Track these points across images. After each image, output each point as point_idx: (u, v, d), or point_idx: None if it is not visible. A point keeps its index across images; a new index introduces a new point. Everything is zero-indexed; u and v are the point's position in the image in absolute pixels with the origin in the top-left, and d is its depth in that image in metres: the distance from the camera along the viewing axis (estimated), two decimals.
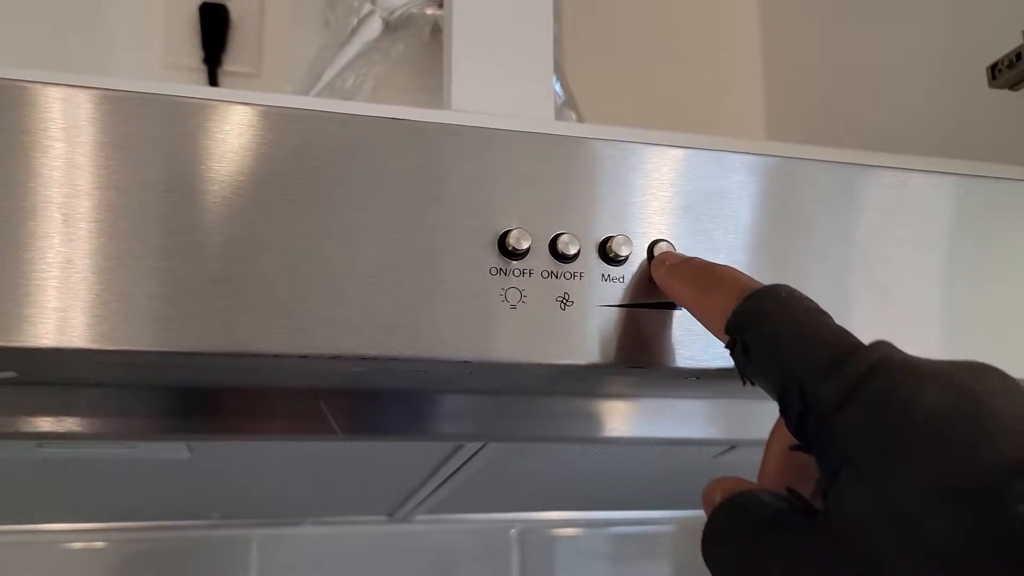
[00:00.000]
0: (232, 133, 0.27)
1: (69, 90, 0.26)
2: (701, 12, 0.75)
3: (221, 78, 0.72)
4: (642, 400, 0.41)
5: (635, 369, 0.29)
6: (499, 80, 0.42)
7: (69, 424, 0.36)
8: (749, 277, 0.28)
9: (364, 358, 0.27)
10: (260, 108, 0.27)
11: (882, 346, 0.23)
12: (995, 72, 0.51)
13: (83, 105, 0.26)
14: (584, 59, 0.69)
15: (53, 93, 0.26)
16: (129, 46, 0.71)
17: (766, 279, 0.31)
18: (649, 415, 0.42)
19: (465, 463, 0.47)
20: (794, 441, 0.25)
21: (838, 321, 0.25)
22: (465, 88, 0.42)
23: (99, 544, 0.68)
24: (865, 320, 0.31)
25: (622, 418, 0.41)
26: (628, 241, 0.29)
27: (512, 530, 0.76)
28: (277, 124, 0.27)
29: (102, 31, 0.71)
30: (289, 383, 0.36)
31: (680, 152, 0.31)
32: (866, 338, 0.24)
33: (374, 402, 0.37)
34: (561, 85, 0.55)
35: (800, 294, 0.26)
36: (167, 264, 0.26)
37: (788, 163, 0.32)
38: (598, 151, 0.30)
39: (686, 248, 0.30)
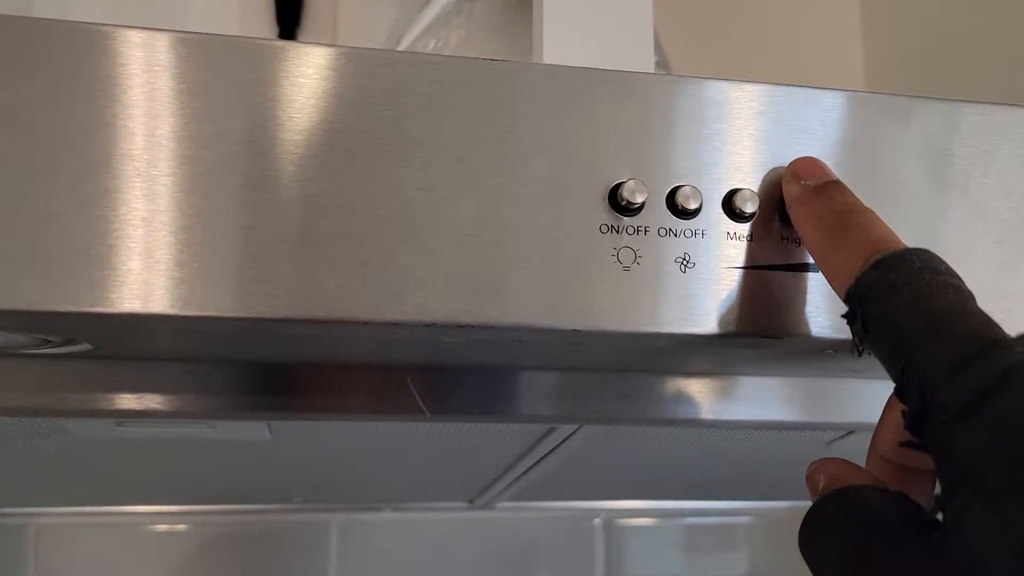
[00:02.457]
0: (315, 78, 0.24)
1: (148, 33, 0.24)
2: None
3: None
4: (751, 379, 0.38)
5: (766, 339, 0.26)
6: (593, 31, 0.39)
7: (147, 401, 0.34)
8: (886, 230, 0.24)
9: (461, 326, 0.24)
10: (345, 50, 0.25)
11: (1022, 345, 0.20)
12: None
13: (161, 50, 0.24)
14: (675, 15, 0.65)
15: (133, 38, 0.23)
16: (204, 23, 0.70)
17: (913, 236, 0.27)
18: (759, 396, 0.38)
19: (555, 448, 0.44)
20: (905, 433, 0.21)
21: (991, 299, 0.21)
22: (557, 41, 0.39)
23: (181, 527, 0.68)
24: None
25: (730, 399, 0.37)
26: (755, 195, 0.26)
27: (596, 519, 0.73)
28: (364, 68, 0.25)
29: (178, 8, 0.70)
30: (374, 358, 0.34)
31: (810, 93, 0.27)
32: None
33: (464, 380, 0.35)
34: (655, 46, 0.51)
35: (940, 264, 0.22)
36: (247, 222, 0.23)
37: (938, 106, 0.28)
38: (720, 93, 0.26)
39: None
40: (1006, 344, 0.20)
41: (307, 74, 0.24)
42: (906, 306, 0.21)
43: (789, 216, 0.25)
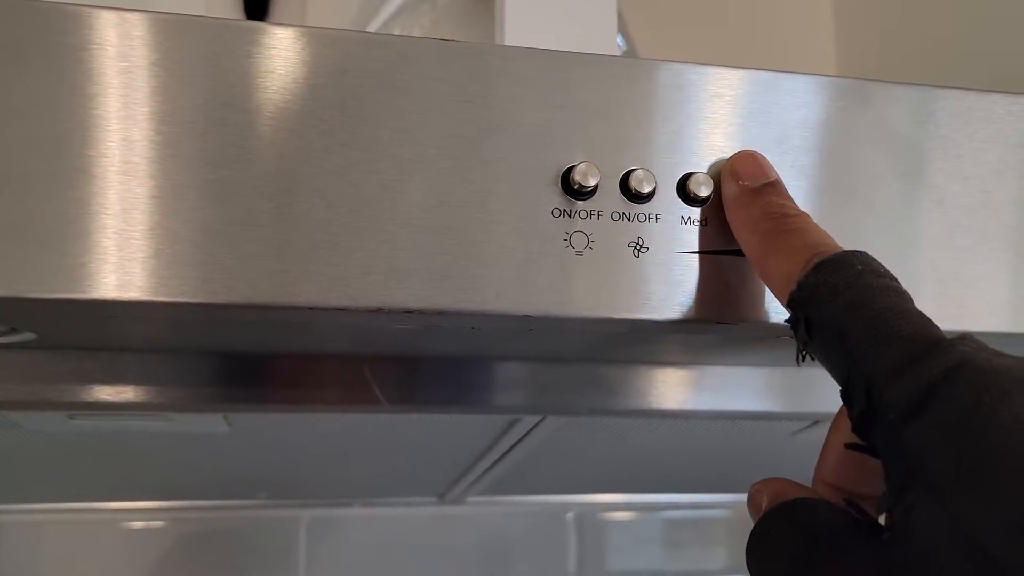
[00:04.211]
0: (261, 57, 0.24)
1: (122, 14, 0.23)
2: None
3: None
4: (716, 369, 0.37)
5: (721, 325, 0.25)
6: (556, 19, 0.39)
7: (98, 393, 0.33)
8: (821, 233, 0.24)
9: (410, 311, 0.23)
10: (292, 29, 0.24)
11: (966, 343, 0.20)
12: None
13: (136, 30, 0.23)
14: (645, 3, 0.64)
15: (106, 16, 0.23)
16: (171, 3, 0.69)
17: (867, 228, 0.27)
18: (723, 386, 0.38)
19: (520, 440, 0.44)
20: (853, 437, 0.21)
21: (949, 284, 0.21)
22: (518, 23, 0.38)
23: (149, 524, 0.67)
24: (988, 270, 0.27)
25: (693, 389, 0.37)
26: (709, 179, 0.25)
27: (569, 513, 0.73)
28: (312, 47, 0.24)
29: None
30: (331, 348, 0.33)
31: (769, 76, 0.27)
32: (994, 298, 0.20)
33: (423, 371, 0.34)
34: (622, 34, 0.51)
35: (878, 266, 0.22)
36: (189, 206, 0.23)
37: (896, 90, 0.27)
38: (676, 76, 0.26)
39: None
40: (948, 343, 0.20)
41: (252, 53, 0.24)
42: (849, 309, 0.21)
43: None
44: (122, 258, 0.22)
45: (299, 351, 0.33)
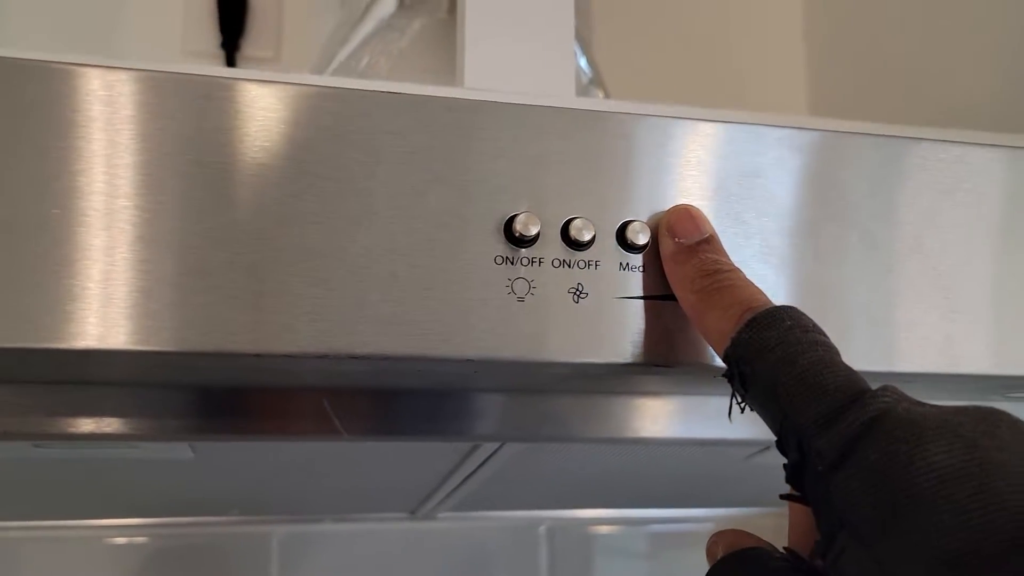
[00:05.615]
0: (210, 110, 0.24)
1: (107, 70, 0.24)
2: None
3: (240, 63, 0.70)
4: (669, 397, 0.38)
5: (659, 368, 0.26)
6: (515, 55, 0.40)
7: (63, 425, 0.34)
8: (754, 290, 0.25)
9: (355, 357, 0.24)
10: (233, 82, 0.25)
11: (886, 394, 0.21)
12: None
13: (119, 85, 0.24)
14: (615, 34, 0.66)
15: (92, 74, 0.24)
16: (148, 32, 0.70)
17: (805, 267, 0.28)
18: (677, 413, 0.39)
19: (483, 463, 0.45)
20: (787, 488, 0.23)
21: (882, 327, 0.22)
22: (479, 64, 0.39)
23: (122, 540, 0.67)
24: (919, 312, 0.28)
25: (649, 417, 0.38)
26: (647, 227, 0.26)
27: (541, 527, 0.74)
28: (260, 100, 0.25)
29: (121, 17, 0.69)
30: (290, 382, 0.34)
31: (709, 127, 0.28)
32: (924, 340, 0.21)
33: (381, 401, 0.35)
34: (587, 61, 0.52)
35: (807, 321, 0.24)
36: (144, 255, 0.24)
37: (830, 137, 0.28)
38: (616, 127, 0.27)
39: (720, 232, 0.27)
40: (871, 395, 0.21)
41: (201, 105, 0.24)
42: (780, 364, 0.23)
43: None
44: (73, 308, 0.23)
45: (261, 384, 0.34)
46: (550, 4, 0.39)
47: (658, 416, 0.38)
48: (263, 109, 0.25)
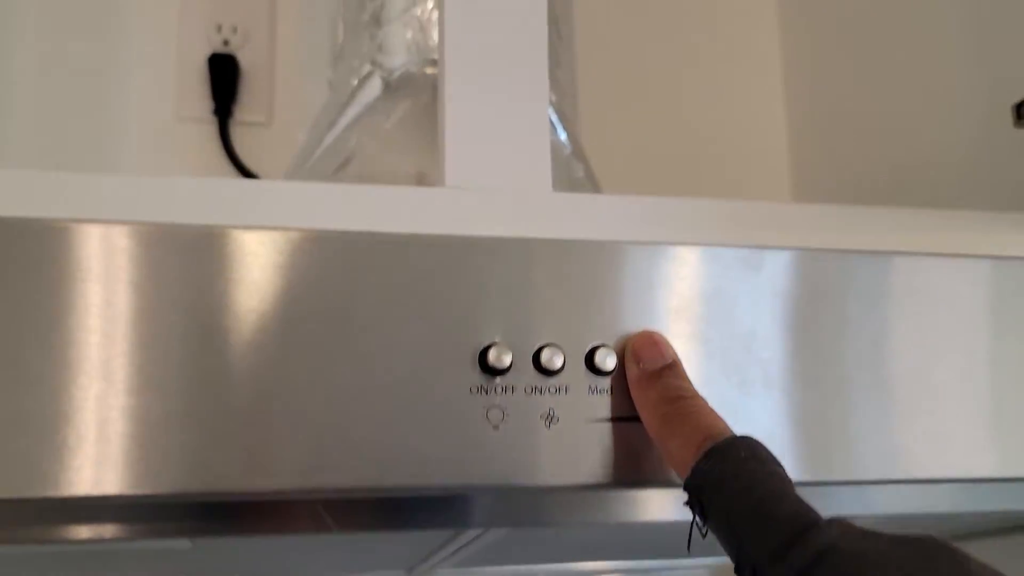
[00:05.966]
0: (199, 258, 0.26)
1: (105, 226, 0.25)
2: (723, 67, 0.73)
3: (232, 128, 0.72)
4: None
5: (627, 489, 0.27)
6: (494, 154, 0.41)
7: (61, 532, 0.35)
8: (714, 418, 0.26)
9: (340, 490, 0.26)
10: (222, 230, 0.26)
11: (832, 528, 0.23)
12: (1021, 112, 0.48)
13: (117, 240, 0.25)
14: (601, 111, 0.67)
15: (92, 230, 0.25)
16: (142, 100, 0.71)
17: (765, 384, 0.29)
18: (658, 497, 0.40)
19: (473, 540, 0.46)
20: None
21: (834, 439, 0.24)
22: (459, 163, 0.41)
23: None
24: (875, 422, 0.29)
25: (628, 503, 0.39)
26: (613, 352, 0.28)
27: None
28: (246, 245, 0.26)
29: (115, 86, 0.71)
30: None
31: (671, 250, 0.29)
32: (879, 447, 0.23)
33: (374, 502, 0.36)
34: (568, 136, 0.54)
35: (762, 452, 0.25)
36: (136, 402, 0.25)
37: (788, 255, 0.30)
38: (582, 254, 0.28)
39: (681, 353, 0.28)
40: (820, 528, 0.23)
41: (197, 256, 0.26)
42: (735, 496, 0.24)
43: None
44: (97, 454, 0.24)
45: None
46: (526, 102, 0.41)
47: (636, 500, 0.39)
48: (250, 255, 0.26)
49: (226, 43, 0.73)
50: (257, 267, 0.26)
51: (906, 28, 0.55)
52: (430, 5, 0.51)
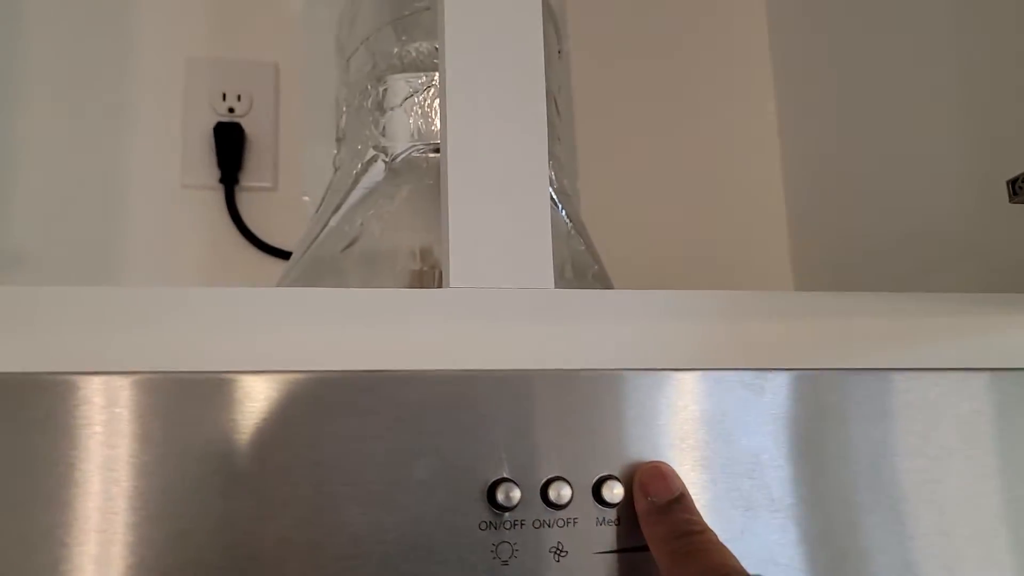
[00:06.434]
0: (202, 405, 0.26)
1: (107, 378, 0.26)
2: (723, 149, 0.74)
3: (238, 194, 0.73)
4: None
5: None
6: (497, 255, 0.42)
7: None
8: (725, 554, 0.27)
9: None
10: (225, 376, 0.27)
11: None
12: (1015, 188, 0.49)
13: (119, 391, 0.26)
14: (599, 187, 0.68)
15: (94, 383, 0.26)
16: (148, 169, 0.72)
17: (770, 506, 0.30)
18: None
19: None
20: None
21: (847, 555, 0.24)
22: (463, 265, 0.41)
23: None
24: (879, 542, 0.30)
25: None
26: (620, 482, 0.28)
27: None
28: (249, 390, 0.27)
29: (122, 155, 0.72)
30: None
31: (673, 376, 0.30)
32: (885, 566, 0.23)
33: None
34: (568, 212, 0.54)
35: None
36: (134, 559, 0.25)
37: (788, 377, 0.30)
38: (585, 385, 0.29)
39: (686, 479, 0.29)
40: None
41: (200, 403, 0.27)
42: None
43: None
44: None
45: None
46: (529, 202, 0.42)
47: None
48: (253, 400, 0.27)
49: (231, 111, 0.74)
50: (260, 411, 0.27)
51: (902, 101, 0.56)
52: (432, 92, 0.52)
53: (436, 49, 0.54)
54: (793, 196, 0.68)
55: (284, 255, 0.70)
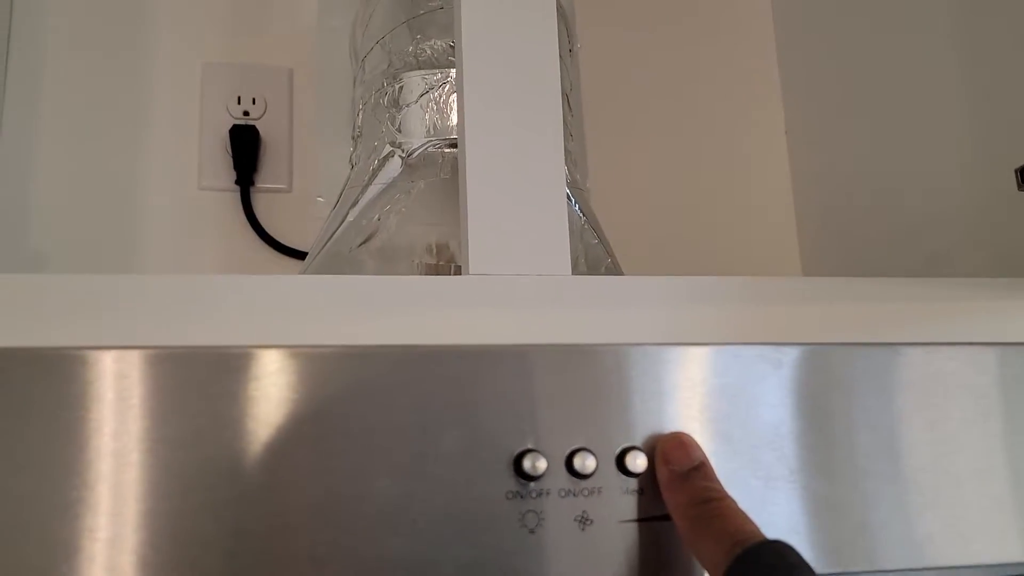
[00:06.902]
0: (222, 379, 0.27)
1: (119, 352, 0.27)
2: (731, 144, 0.75)
3: (254, 195, 0.74)
4: None
5: None
6: (515, 242, 0.43)
7: None
8: (743, 520, 0.27)
9: None
10: (244, 350, 0.27)
11: None
12: (1023, 175, 0.49)
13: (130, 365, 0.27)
14: (611, 182, 0.69)
15: (105, 358, 0.26)
16: (166, 173, 0.73)
17: (791, 477, 0.30)
18: None
19: None
20: None
21: (867, 525, 0.24)
22: (481, 253, 0.42)
23: None
24: (894, 513, 0.30)
25: None
26: (644, 453, 0.29)
27: None
28: (270, 365, 0.28)
29: (141, 158, 0.73)
30: None
31: (694, 350, 0.30)
32: (899, 536, 0.23)
33: None
34: (581, 207, 0.55)
35: (792, 557, 0.26)
36: (143, 537, 0.26)
37: (806, 351, 0.31)
38: (609, 359, 0.30)
39: (708, 451, 0.30)
40: None
41: (220, 377, 0.27)
42: None
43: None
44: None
45: None
46: (545, 192, 0.42)
47: None
48: (273, 374, 0.27)
49: (246, 114, 0.75)
50: (282, 386, 0.27)
51: (910, 91, 0.56)
52: (447, 88, 0.53)
53: (450, 46, 0.55)
54: (801, 188, 0.69)
55: (299, 255, 0.70)
